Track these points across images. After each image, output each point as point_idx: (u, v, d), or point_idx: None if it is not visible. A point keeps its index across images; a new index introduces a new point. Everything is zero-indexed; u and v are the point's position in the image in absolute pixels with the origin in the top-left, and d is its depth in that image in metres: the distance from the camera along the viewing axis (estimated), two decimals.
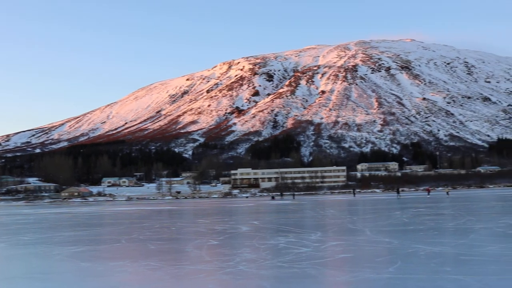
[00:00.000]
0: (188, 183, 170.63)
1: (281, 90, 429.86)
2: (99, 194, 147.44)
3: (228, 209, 56.03)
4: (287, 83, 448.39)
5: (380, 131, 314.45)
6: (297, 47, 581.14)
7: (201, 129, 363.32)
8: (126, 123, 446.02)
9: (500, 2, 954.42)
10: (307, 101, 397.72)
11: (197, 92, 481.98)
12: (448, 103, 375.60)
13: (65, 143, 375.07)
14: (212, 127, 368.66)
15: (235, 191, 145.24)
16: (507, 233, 19.51)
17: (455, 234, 19.99)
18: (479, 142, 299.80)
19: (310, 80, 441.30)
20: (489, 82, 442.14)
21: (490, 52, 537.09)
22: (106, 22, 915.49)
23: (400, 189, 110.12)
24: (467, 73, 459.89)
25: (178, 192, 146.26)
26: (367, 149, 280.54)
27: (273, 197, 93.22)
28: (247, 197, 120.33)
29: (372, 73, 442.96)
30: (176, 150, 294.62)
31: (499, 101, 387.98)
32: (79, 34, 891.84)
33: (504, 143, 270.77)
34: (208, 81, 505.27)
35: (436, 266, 12.71)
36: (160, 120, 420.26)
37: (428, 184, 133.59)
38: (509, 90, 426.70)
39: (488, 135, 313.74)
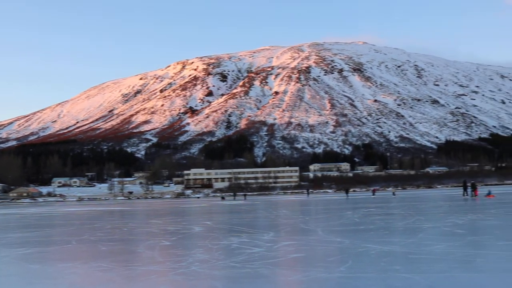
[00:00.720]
0: (140, 183, 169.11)
1: (235, 91, 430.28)
2: (49, 194, 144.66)
3: (181, 209, 55.67)
4: (241, 83, 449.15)
5: (333, 132, 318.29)
6: (251, 48, 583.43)
7: (154, 129, 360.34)
8: (77, 122, 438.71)
9: (449, 9, 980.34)
10: (260, 101, 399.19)
11: (150, 92, 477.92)
12: (399, 105, 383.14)
13: (14, 142, 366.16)
14: (165, 127, 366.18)
15: (188, 192, 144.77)
16: (454, 232, 20.00)
17: (404, 234, 20.37)
18: (428, 144, 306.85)
19: (263, 81, 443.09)
20: (438, 85, 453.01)
21: (439, 56, 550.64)
22: (59, 20, 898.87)
23: (352, 189, 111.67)
24: (417, 76, 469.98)
25: (130, 193, 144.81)
26: (319, 149, 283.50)
27: (223, 198, 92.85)
28: (198, 197, 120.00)
29: (325, 74, 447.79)
30: (129, 150, 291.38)
31: (447, 104, 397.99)
32: (30, 32, 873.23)
33: (451, 145, 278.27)
34: (162, 81, 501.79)
35: (386, 265, 12.91)
36: (112, 120, 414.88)
37: (379, 185, 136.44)
38: (456, 93, 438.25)
39: (437, 137, 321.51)
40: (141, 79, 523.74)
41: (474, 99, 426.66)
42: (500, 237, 18.10)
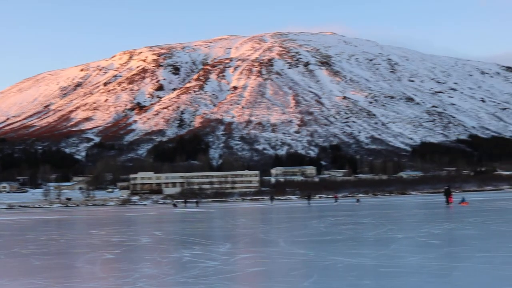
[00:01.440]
0: (80, 188, 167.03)
1: (188, 85, 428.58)
2: None
3: (127, 218, 55.28)
4: (195, 77, 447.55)
5: (297, 132, 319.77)
6: (207, 37, 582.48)
7: (96, 127, 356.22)
8: (8, 118, 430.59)
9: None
10: (217, 97, 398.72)
11: (93, 85, 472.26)
12: (370, 102, 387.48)
13: None
14: (109, 125, 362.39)
15: (135, 198, 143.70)
16: (429, 243, 20.35)
17: (375, 245, 20.64)
18: (402, 146, 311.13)
19: (221, 74, 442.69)
20: (413, 81, 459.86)
21: (414, 49, 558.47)
22: None
23: (317, 195, 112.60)
24: (390, 71, 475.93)
25: (69, 199, 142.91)
26: (282, 151, 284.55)
27: (175, 205, 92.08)
28: (145, 204, 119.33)
29: (289, 68, 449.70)
30: (67, 150, 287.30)
31: (423, 102, 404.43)
32: None
33: (427, 147, 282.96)
34: (106, 73, 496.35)
35: (355, 279, 13.06)
36: (48, 116, 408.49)
37: (348, 190, 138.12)
38: (433, 90, 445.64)
39: (411, 138, 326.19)
40: (82, 70, 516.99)
41: (452, 97, 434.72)
42: (478, 248, 18.49)
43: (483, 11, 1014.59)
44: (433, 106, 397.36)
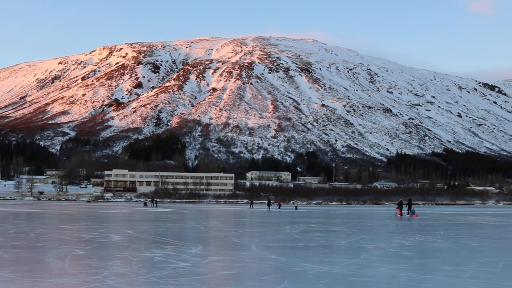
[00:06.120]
0: (53, 182, 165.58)
1: (167, 84, 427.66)
2: None
3: (99, 214, 54.90)
4: (174, 76, 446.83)
5: (274, 137, 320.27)
6: (188, 37, 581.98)
7: (72, 121, 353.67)
8: None
9: (405, 10, 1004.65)
10: (196, 98, 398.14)
11: (71, 79, 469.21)
12: (348, 111, 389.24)
13: None
14: (85, 120, 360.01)
15: (108, 195, 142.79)
16: (400, 253, 20.48)
17: (346, 253, 20.72)
18: (378, 156, 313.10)
19: (200, 75, 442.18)
20: (391, 92, 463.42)
21: (394, 61, 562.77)
22: None
23: (291, 201, 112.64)
24: (370, 81, 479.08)
25: (41, 193, 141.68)
26: (258, 156, 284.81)
27: (145, 204, 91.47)
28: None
29: (269, 72, 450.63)
30: (42, 143, 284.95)
31: (400, 114, 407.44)
32: None
33: (402, 158, 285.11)
34: (85, 67, 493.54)
35: (325, 287, 13.10)
36: (24, 108, 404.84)
37: (322, 198, 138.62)
38: (411, 102, 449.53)
39: (387, 149, 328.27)
40: (60, 63, 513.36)
41: (429, 110, 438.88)
42: (449, 261, 18.64)
43: (463, 27, 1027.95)
44: (410, 119, 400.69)
